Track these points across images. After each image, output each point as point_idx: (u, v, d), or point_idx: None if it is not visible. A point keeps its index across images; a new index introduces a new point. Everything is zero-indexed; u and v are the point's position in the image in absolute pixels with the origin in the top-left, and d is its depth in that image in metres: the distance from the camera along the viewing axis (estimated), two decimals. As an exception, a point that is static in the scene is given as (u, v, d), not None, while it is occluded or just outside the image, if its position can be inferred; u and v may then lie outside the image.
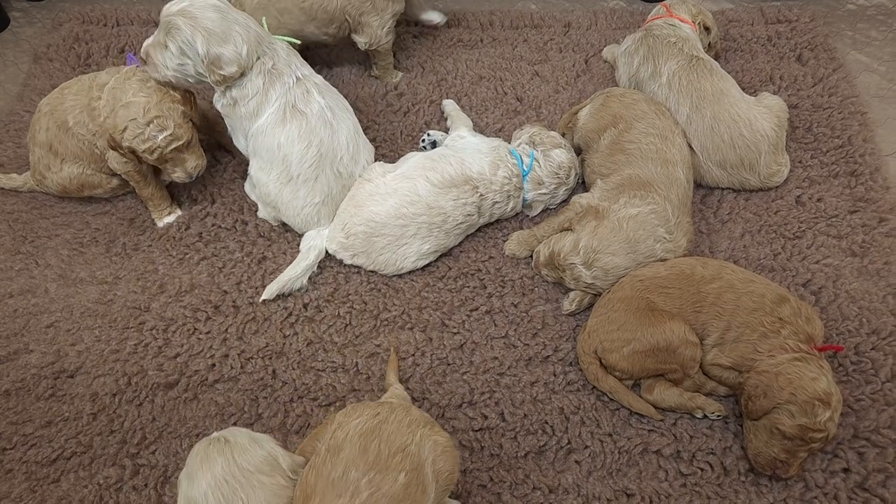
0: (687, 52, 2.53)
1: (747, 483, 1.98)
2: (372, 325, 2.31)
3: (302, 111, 2.27)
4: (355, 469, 1.53)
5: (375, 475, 1.53)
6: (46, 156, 2.47)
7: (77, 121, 2.37)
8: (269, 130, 2.29)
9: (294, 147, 2.28)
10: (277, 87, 2.25)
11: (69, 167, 2.47)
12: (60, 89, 2.45)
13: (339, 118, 2.36)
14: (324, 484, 1.53)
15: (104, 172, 2.51)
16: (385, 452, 1.57)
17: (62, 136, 2.41)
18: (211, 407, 2.16)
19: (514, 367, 2.21)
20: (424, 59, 3.03)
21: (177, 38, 2.14)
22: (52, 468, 2.07)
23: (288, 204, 2.38)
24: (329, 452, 1.59)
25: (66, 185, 2.51)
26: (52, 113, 2.41)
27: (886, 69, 2.99)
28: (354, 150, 2.41)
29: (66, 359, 2.26)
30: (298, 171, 2.31)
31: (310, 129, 2.28)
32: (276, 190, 2.35)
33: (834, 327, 2.23)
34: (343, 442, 1.59)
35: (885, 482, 1.95)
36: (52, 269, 2.47)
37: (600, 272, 2.20)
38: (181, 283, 2.42)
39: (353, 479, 1.52)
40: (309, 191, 2.35)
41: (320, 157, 2.32)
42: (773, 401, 1.88)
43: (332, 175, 2.36)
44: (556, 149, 2.52)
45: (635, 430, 2.08)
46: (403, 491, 1.54)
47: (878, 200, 2.50)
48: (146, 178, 2.47)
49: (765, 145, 2.45)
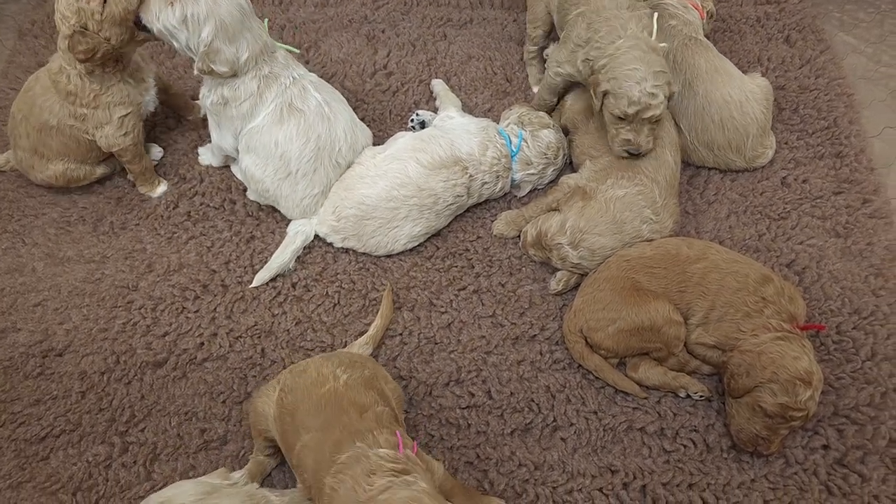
0: (686, 34, 2.52)
1: (729, 459, 2.02)
2: (360, 305, 2.32)
3: (300, 109, 2.26)
4: (326, 367, 1.77)
5: (346, 368, 1.78)
6: (31, 158, 2.45)
7: (60, 118, 2.33)
8: (265, 130, 2.27)
9: (293, 144, 2.27)
10: (274, 89, 2.23)
11: (54, 165, 2.44)
12: (24, 92, 2.39)
13: (335, 111, 2.35)
14: (303, 388, 1.72)
15: (89, 164, 2.49)
16: (346, 360, 1.84)
17: (45, 138, 2.38)
18: (200, 385, 2.17)
19: (501, 345, 2.23)
20: (415, 38, 3.02)
21: (187, 8, 2.05)
22: (40, 446, 2.08)
23: (287, 197, 2.37)
24: (294, 374, 1.80)
25: (52, 182, 2.49)
26: (26, 119, 2.37)
27: (873, 51, 3.01)
28: (353, 140, 2.40)
29: (54, 337, 2.26)
30: (297, 167, 2.31)
31: (308, 126, 2.27)
32: (273, 185, 2.34)
33: (817, 307, 2.26)
34: (306, 363, 1.83)
35: (863, 458, 1.99)
36: (39, 248, 2.47)
37: (586, 252, 2.21)
38: (169, 262, 2.42)
39: (329, 371, 1.76)
40: (308, 183, 2.35)
41: (318, 151, 2.31)
42: (755, 379, 1.90)
43: (331, 166, 2.36)
44: (544, 129, 2.52)
45: (620, 408, 2.11)
46: (371, 379, 1.80)
47: (863, 182, 2.52)
48: (141, 153, 2.47)
49: (754, 128, 2.45)
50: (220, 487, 1.63)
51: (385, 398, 1.79)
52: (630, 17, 2.25)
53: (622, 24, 2.23)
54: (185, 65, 2.91)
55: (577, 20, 2.35)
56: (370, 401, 1.70)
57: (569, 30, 2.40)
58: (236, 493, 1.64)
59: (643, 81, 2.15)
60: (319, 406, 1.67)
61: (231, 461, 2.04)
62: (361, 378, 1.77)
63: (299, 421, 1.69)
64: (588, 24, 2.30)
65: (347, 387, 1.72)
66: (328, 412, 1.66)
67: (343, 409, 1.65)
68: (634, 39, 2.21)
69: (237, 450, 2.06)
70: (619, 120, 2.24)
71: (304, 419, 1.68)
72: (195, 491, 1.58)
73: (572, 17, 2.38)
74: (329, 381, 1.72)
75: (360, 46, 2.99)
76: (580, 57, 2.34)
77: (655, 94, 2.17)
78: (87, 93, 2.29)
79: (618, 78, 2.18)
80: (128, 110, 2.36)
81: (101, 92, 2.30)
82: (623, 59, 2.18)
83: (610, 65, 2.20)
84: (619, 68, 2.18)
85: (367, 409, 1.67)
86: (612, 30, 2.24)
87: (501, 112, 2.70)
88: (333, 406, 1.66)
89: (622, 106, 2.19)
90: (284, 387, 1.79)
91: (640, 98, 2.16)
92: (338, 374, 1.75)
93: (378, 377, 1.86)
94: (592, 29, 2.28)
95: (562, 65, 2.44)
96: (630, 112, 2.18)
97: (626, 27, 2.23)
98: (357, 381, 1.75)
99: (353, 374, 1.77)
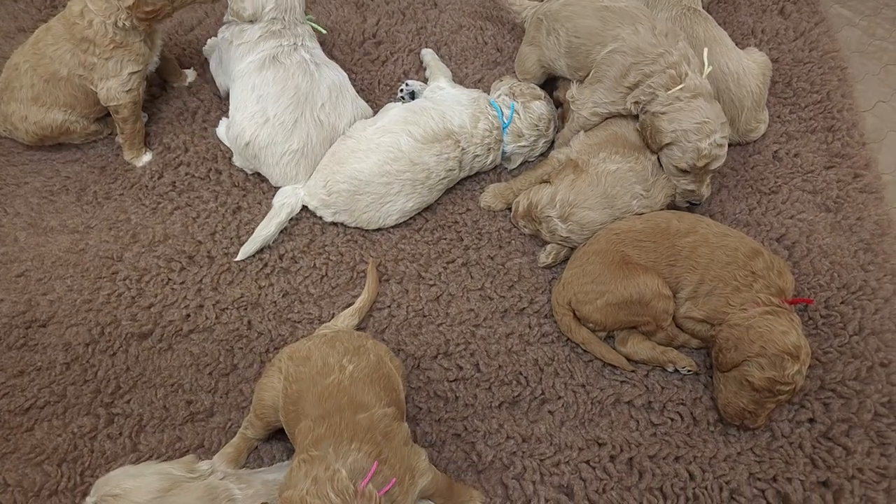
0: (685, 4, 2.48)
1: (716, 433, 2.03)
2: (348, 277, 2.30)
3: (281, 62, 2.34)
4: (332, 357, 1.75)
5: (352, 357, 1.76)
6: (27, 108, 2.41)
7: (70, 67, 2.33)
8: (246, 74, 2.35)
9: (269, 88, 2.32)
10: (270, 44, 2.35)
11: (53, 114, 2.42)
12: (33, 44, 2.37)
13: (322, 73, 2.38)
14: (308, 379, 1.70)
15: (87, 119, 2.49)
16: (350, 346, 1.80)
17: (51, 88, 2.38)
18: (186, 357, 2.16)
19: (489, 318, 2.22)
20: (405, 6, 2.96)
21: None
22: (25, 417, 2.06)
23: (265, 150, 2.33)
24: (297, 361, 1.77)
25: (47, 133, 2.46)
26: (34, 69, 2.36)
27: (868, 24, 2.98)
28: (338, 102, 2.39)
29: (37, 308, 2.24)
30: (275, 112, 2.30)
31: (287, 75, 2.32)
32: (251, 130, 2.32)
33: (805, 281, 2.26)
34: (309, 349, 1.79)
35: (848, 432, 2.00)
36: (21, 218, 2.43)
37: (576, 226, 2.20)
38: (154, 232, 2.38)
39: (334, 361, 1.73)
40: (287, 136, 2.31)
41: (297, 100, 2.31)
42: (743, 354, 1.91)
43: (313, 122, 2.34)
44: (535, 100, 2.49)
45: (608, 382, 2.11)
46: (377, 365, 1.78)
47: (854, 156, 2.51)
48: (138, 113, 2.47)
49: (748, 101, 2.43)
50: (181, 481, 1.62)
51: (392, 386, 1.77)
52: (679, 56, 2.14)
53: (676, 69, 2.13)
54: (177, 29, 2.85)
55: (611, 59, 2.22)
56: (372, 399, 1.67)
57: (603, 70, 2.26)
58: (196, 487, 1.63)
59: (713, 134, 2.10)
60: (322, 397, 1.66)
61: (217, 433, 2.03)
62: (367, 367, 1.75)
63: (301, 408, 1.68)
64: (632, 66, 2.18)
65: (352, 380, 1.69)
66: (327, 405, 1.64)
67: (340, 406, 1.63)
68: (696, 87, 2.13)
69: (224, 422, 2.05)
70: (682, 172, 2.19)
71: (305, 407, 1.67)
72: (152, 488, 1.58)
73: (604, 57, 2.24)
74: (334, 372, 1.70)
75: (348, 14, 2.93)
76: (630, 100, 2.23)
77: (723, 146, 2.13)
78: (106, 42, 2.28)
79: (686, 130, 2.10)
80: (138, 68, 2.37)
81: (120, 44, 2.29)
82: (688, 110, 2.10)
83: (673, 115, 2.12)
84: (685, 120, 2.10)
85: (367, 410, 1.64)
86: (668, 76, 2.14)
87: (492, 83, 2.67)
88: (333, 401, 1.64)
89: (689, 160, 2.13)
90: (288, 376, 1.76)
91: (710, 151, 2.11)
92: (344, 364, 1.72)
93: (383, 358, 1.83)
94: (640, 73, 2.17)
95: (601, 105, 2.31)
96: (699, 165, 2.13)
97: (681, 71, 2.14)
98: (363, 372, 1.72)
99: (359, 363, 1.74)
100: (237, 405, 2.07)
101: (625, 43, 2.20)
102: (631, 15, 2.22)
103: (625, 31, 2.20)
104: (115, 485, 1.58)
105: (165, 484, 1.60)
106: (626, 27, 2.20)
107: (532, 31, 2.51)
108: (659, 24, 2.20)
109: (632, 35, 2.18)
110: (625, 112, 2.29)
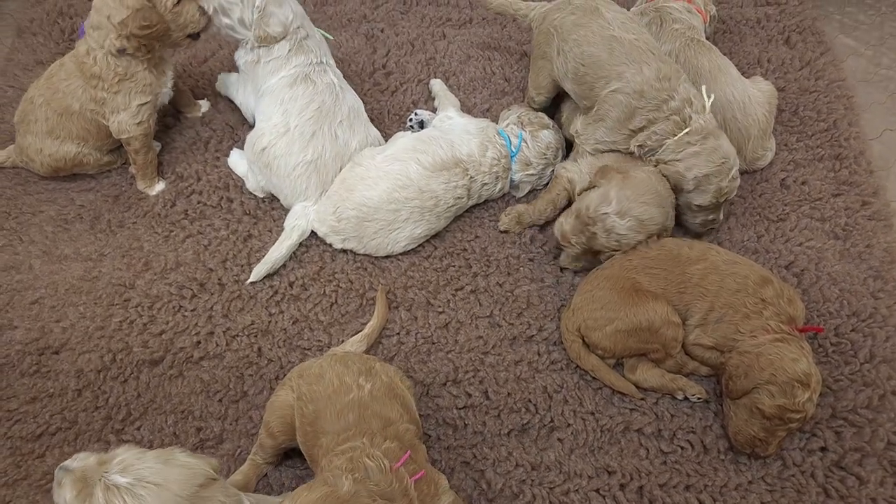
0: (689, 36, 2.51)
1: (726, 461, 2.01)
2: (358, 304, 2.31)
3: (313, 80, 2.41)
4: (348, 376, 1.74)
5: (367, 377, 1.76)
6: (42, 141, 2.47)
7: (82, 102, 2.39)
8: (277, 90, 2.40)
9: (297, 102, 2.36)
10: (301, 58, 2.41)
11: (67, 147, 2.47)
12: (47, 78, 2.44)
13: (346, 96, 2.46)
14: (324, 397, 1.69)
15: (100, 151, 2.54)
16: (364, 367, 1.80)
17: (65, 122, 2.44)
18: (196, 384, 2.17)
19: (498, 346, 2.23)
20: (414, 38, 3.01)
21: None
22: (36, 443, 2.07)
23: (280, 159, 2.35)
24: (309, 380, 1.77)
25: (61, 165, 2.51)
26: (48, 103, 2.42)
27: (873, 53, 3.00)
28: (354, 122, 2.44)
29: (50, 335, 2.26)
30: (297, 122, 2.34)
31: (315, 91, 2.39)
32: (270, 137, 2.36)
33: (815, 309, 2.25)
34: (322, 369, 1.78)
35: (860, 461, 1.98)
36: (36, 246, 2.46)
37: (635, 222, 2.12)
38: (166, 260, 2.41)
39: (351, 381, 1.73)
40: (304, 146, 2.34)
41: (320, 114, 2.36)
42: (753, 381, 1.90)
43: (330, 135, 2.37)
44: (544, 129, 2.52)
45: (617, 409, 2.10)
46: (391, 385, 1.79)
47: (862, 184, 2.52)
48: (149, 144, 2.51)
49: (755, 130, 2.45)
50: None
51: (408, 407, 1.78)
52: (681, 101, 2.16)
53: (679, 114, 2.16)
54: (190, 62, 2.91)
55: (614, 100, 2.23)
56: (395, 415, 1.69)
57: (605, 109, 2.27)
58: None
59: (730, 171, 2.15)
60: (343, 412, 1.66)
61: (227, 460, 2.03)
62: (383, 387, 1.76)
63: (319, 427, 1.68)
64: (635, 110, 2.20)
65: (373, 397, 1.70)
66: (350, 418, 1.65)
67: (365, 418, 1.64)
68: (703, 128, 2.16)
69: (233, 448, 2.05)
70: (702, 209, 2.25)
71: (324, 425, 1.67)
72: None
73: (607, 95, 2.25)
74: (353, 391, 1.71)
75: (359, 45, 2.98)
76: (634, 143, 2.26)
77: (737, 178, 2.18)
78: (111, 75, 2.33)
79: (708, 175, 2.15)
80: (146, 99, 2.41)
81: (125, 76, 2.34)
82: (704, 153, 2.15)
83: (690, 162, 2.16)
84: (702, 166, 2.15)
85: (392, 424, 1.66)
86: (673, 122, 2.17)
87: (500, 112, 2.70)
88: (357, 414, 1.65)
89: (710, 198, 2.19)
90: (302, 396, 1.76)
91: (729, 188, 2.18)
92: (361, 382, 1.73)
93: (394, 380, 1.83)
94: (644, 118, 2.19)
95: (603, 143, 2.34)
96: (720, 201, 2.20)
97: (684, 115, 2.16)
98: (380, 390, 1.74)
99: (375, 382, 1.75)
100: (247, 432, 2.07)
101: (628, 84, 2.20)
102: (638, 51, 2.21)
103: (629, 71, 2.19)
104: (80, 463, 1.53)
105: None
106: (632, 66, 2.19)
107: (543, 44, 2.47)
108: (664, 66, 2.20)
109: (636, 76, 2.18)
110: (626, 151, 2.32)
